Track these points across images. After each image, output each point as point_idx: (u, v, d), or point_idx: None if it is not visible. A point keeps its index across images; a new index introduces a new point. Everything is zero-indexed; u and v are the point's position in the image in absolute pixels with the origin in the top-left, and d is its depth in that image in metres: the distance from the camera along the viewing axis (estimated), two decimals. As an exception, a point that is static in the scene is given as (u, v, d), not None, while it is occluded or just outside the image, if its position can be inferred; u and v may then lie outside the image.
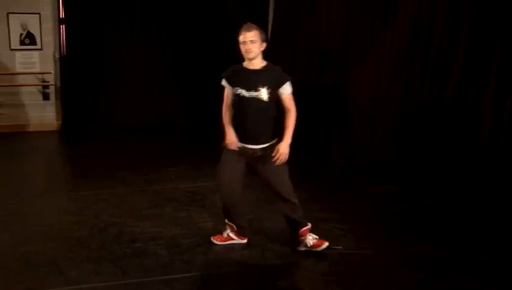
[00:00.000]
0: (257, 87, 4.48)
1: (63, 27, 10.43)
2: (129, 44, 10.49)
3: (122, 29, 10.42)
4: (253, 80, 4.51)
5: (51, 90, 10.45)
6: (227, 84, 4.66)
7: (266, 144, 4.60)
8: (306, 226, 4.80)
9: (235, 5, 10.79)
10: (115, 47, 10.34)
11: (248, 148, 4.62)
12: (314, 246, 4.78)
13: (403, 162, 6.67)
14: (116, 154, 8.41)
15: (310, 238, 4.80)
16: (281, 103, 4.60)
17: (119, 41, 10.40)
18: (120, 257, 4.71)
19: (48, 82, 10.50)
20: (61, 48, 10.49)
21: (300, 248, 4.83)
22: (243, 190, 4.81)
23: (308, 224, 4.81)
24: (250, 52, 4.47)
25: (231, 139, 4.62)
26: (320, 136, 8.31)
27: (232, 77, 4.64)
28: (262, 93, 4.49)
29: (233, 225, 4.94)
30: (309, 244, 4.79)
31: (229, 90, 4.66)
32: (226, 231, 5.00)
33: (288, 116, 4.58)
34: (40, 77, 10.49)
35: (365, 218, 5.79)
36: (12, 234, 5.18)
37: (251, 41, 4.45)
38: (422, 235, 5.31)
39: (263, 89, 4.48)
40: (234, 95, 4.60)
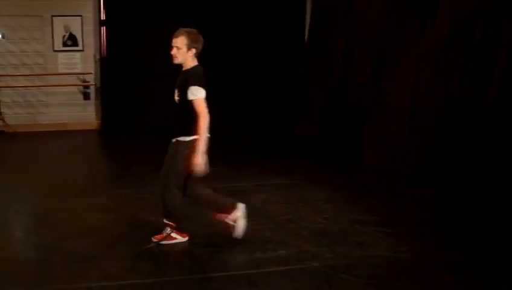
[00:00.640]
0: (175, 88, 4.79)
1: (103, 29, 10.64)
2: (169, 45, 10.58)
3: (162, 31, 10.52)
4: (179, 82, 4.81)
5: (91, 90, 10.71)
6: None
7: (175, 138, 4.81)
8: (172, 223, 4.91)
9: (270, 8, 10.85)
10: (154, 48, 10.43)
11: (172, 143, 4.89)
12: (165, 238, 4.90)
13: (442, 165, 6.56)
14: (155, 154, 8.47)
15: (168, 231, 4.91)
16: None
17: (158, 42, 10.49)
18: (157, 255, 4.76)
19: (89, 82, 10.74)
20: (101, 49, 10.70)
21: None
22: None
23: (173, 222, 4.91)
24: (175, 57, 4.76)
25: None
26: (355, 136, 8.27)
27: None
28: (175, 94, 4.78)
29: (173, 223, 4.95)
30: (164, 233, 4.93)
31: None
32: (166, 230, 4.98)
33: (196, 122, 4.65)
34: (81, 77, 10.74)
35: (402, 221, 5.71)
36: (53, 230, 5.30)
37: (176, 47, 4.72)
38: (460, 239, 5.21)
39: (175, 91, 4.78)
40: None
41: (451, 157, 6.42)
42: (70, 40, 10.66)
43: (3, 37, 10.43)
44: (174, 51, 4.71)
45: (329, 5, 9.67)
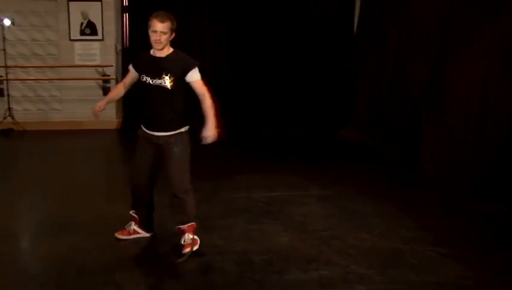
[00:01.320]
0: (161, 75, 4.94)
1: (126, 15, 10.78)
2: (197, 35, 10.65)
3: (191, 17, 10.59)
4: (157, 68, 4.97)
5: (112, 85, 10.79)
6: (133, 69, 5.19)
7: (171, 132, 5.03)
8: (191, 223, 5.15)
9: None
10: (183, 38, 10.44)
11: (152, 135, 5.08)
12: (186, 247, 5.08)
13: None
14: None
15: (190, 237, 5.12)
16: (194, 92, 5.02)
17: (186, 30, 10.59)
18: (183, 273, 4.77)
19: (109, 76, 10.86)
20: (123, 39, 10.83)
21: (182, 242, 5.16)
22: (152, 181, 5.33)
23: (194, 221, 5.15)
24: (160, 43, 4.92)
25: (98, 104, 5.20)
26: (411, 142, 8.19)
27: (138, 64, 5.14)
28: (166, 81, 4.94)
29: (137, 216, 5.36)
30: (182, 242, 5.13)
31: (132, 74, 5.20)
32: (131, 225, 5.41)
33: (203, 103, 5.01)
34: (100, 70, 10.87)
35: (467, 242, 5.60)
36: (69, 241, 5.36)
37: (162, 32, 4.90)
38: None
39: (166, 77, 4.94)
40: (141, 82, 5.07)
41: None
42: (89, 28, 10.78)
43: (13, 23, 10.42)
44: (159, 36, 4.89)
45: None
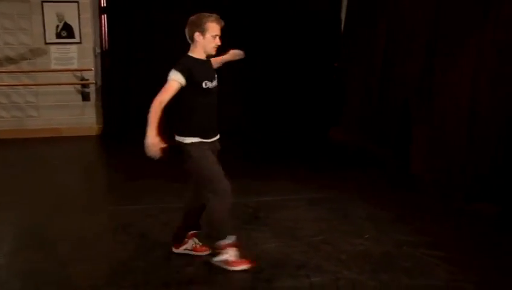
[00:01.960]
0: (215, 77, 4.98)
1: (104, 17, 10.72)
2: (181, 37, 10.61)
3: (173, 19, 10.54)
4: (211, 70, 5.02)
5: (91, 90, 10.77)
6: (184, 79, 4.75)
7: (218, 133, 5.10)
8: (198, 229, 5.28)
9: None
10: (164, 40, 10.43)
11: (214, 142, 5.09)
12: (194, 250, 5.27)
13: (508, 177, 6.49)
14: (166, 163, 8.53)
15: (195, 241, 5.28)
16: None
17: (169, 33, 10.55)
18: (170, 284, 4.77)
19: (88, 80, 10.81)
20: (102, 42, 10.77)
21: (178, 250, 5.30)
22: None
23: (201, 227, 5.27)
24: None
25: (154, 141, 4.91)
26: (401, 142, 8.25)
27: (196, 72, 4.80)
28: (212, 84, 4.92)
29: (233, 242, 4.96)
30: (190, 247, 5.27)
31: (176, 90, 4.79)
32: (226, 255, 4.96)
33: None
34: (78, 74, 10.82)
35: (461, 243, 5.68)
36: (49, 254, 5.34)
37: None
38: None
39: (213, 81, 4.94)
40: (199, 90, 4.81)
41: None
42: (65, 31, 10.72)
43: (-16, 27, 10.40)
44: (221, 41, 4.87)
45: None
